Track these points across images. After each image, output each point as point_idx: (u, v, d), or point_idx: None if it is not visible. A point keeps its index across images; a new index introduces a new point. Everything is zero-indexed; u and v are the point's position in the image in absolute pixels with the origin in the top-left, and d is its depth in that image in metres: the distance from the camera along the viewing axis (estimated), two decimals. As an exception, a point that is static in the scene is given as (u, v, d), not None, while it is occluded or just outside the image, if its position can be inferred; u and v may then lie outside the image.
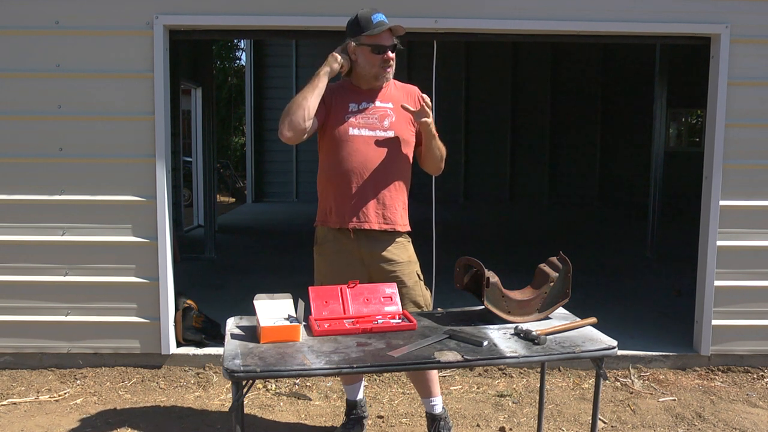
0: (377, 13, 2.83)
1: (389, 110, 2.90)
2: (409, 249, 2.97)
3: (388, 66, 2.84)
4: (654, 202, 7.26)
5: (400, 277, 2.87)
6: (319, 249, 2.99)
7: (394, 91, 2.96)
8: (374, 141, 2.85)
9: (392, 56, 2.84)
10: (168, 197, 3.98)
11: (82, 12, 3.85)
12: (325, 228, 2.95)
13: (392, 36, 2.84)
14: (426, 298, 2.96)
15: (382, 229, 2.86)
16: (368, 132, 2.86)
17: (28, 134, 3.92)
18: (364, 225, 2.85)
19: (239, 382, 2.10)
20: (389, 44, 2.82)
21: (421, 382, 3.10)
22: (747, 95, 3.99)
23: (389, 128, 2.88)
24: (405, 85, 3.04)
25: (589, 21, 3.93)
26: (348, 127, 2.85)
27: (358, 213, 2.85)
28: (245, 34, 8.13)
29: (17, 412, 3.56)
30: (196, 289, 5.40)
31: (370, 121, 2.86)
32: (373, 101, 2.90)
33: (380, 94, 2.92)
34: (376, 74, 2.85)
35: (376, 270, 2.87)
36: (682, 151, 13.50)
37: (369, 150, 2.84)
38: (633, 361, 4.17)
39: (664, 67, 7.20)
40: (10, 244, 3.95)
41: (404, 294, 2.86)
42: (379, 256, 2.87)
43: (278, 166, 13.60)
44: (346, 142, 2.84)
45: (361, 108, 2.88)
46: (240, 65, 19.47)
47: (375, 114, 2.87)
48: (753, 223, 4.07)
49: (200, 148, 9.19)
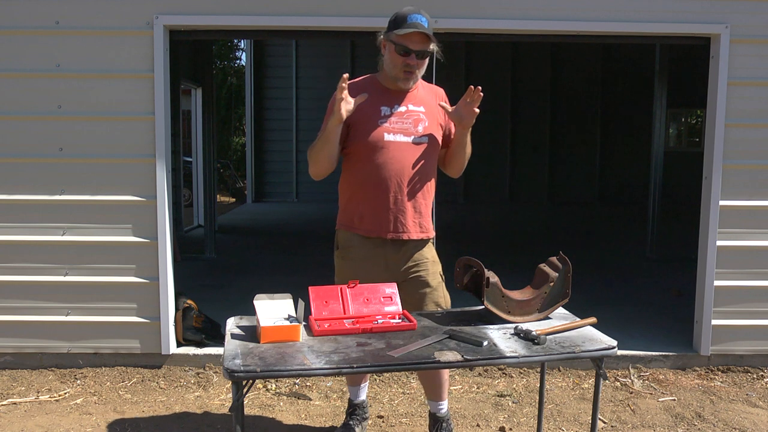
0: (416, 14, 2.64)
1: (422, 114, 2.79)
2: (432, 249, 2.92)
3: (409, 70, 2.68)
4: (654, 202, 7.26)
5: (424, 277, 2.83)
6: (342, 253, 2.88)
7: (423, 92, 2.85)
8: (409, 147, 2.75)
9: (416, 62, 2.68)
10: (168, 197, 3.98)
11: (82, 12, 3.85)
12: (348, 233, 2.85)
13: (425, 42, 2.65)
14: (447, 301, 2.90)
15: (419, 239, 2.82)
16: (403, 138, 2.74)
17: (28, 134, 3.92)
18: (402, 236, 2.77)
19: (239, 382, 2.10)
20: (416, 49, 2.64)
21: (432, 386, 3.07)
22: (747, 95, 3.99)
23: (423, 133, 2.77)
24: (431, 85, 2.95)
25: (589, 21, 3.93)
26: (383, 132, 2.73)
27: (397, 223, 2.76)
28: (245, 34, 8.13)
29: (17, 412, 3.56)
30: (196, 289, 5.41)
31: (404, 126, 2.75)
32: (405, 104, 2.78)
33: (411, 97, 2.80)
34: (396, 76, 2.72)
35: (400, 272, 2.81)
36: (682, 151, 13.50)
37: (405, 157, 2.74)
38: (633, 361, 4.17)
39: (664, 67, 7.19)
40: (10, 244, 3.95)
41: (427, 294, 2.83)
42: (406, 258, 2.82)
43: (278, 166, 13.60)
44: (381, 149, 2.72)
45: (394, 111, 2.76)
46: (240, 65, 19.48)
47: (409, 119, 2.76)
48: (753, 223, 4.07)
49: (200, 148, 9.19)
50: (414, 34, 2.62)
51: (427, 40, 2.66)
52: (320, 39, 3.98)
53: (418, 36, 2.63)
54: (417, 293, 2.84)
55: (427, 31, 2.63)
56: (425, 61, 2.73)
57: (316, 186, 15.19)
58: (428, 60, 2.75)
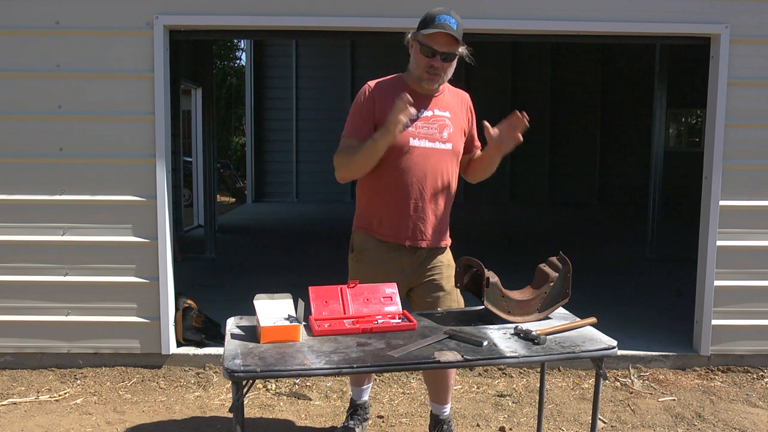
0: (445, 15, 2.57)
1: (447, 119, 2.73)
2: (448, 253, 2.89)
3: (433, 72, 2.62)
4: (654, 202, 7.26)
5: (439, 281, 2.81)
6: (357, 256, 2.84)
7: (450, 98, 2.79)
8: (433, 152, 2.69)
9: (441, 64, 2.61)
10: (168, 197, 3.98)
11: (82, 12, 3.85)
12: (365, 235, 2.81)
13: (452, 44, 2.59)
14: (461, 305, 2.86)
15: (437, 246, 2.80)
16: (428, 143, 2.68)
17: (28, 134, 3.92)
18: (421, 243, 2.74)
19: (239, 382, 2.09)
20: (441, 50, 2.58)
21: (437, 389, 3.06)
22: (747, 95, 3.99)
23: (448, 140, 2.72)
24: (458, 91, 2.88)
25: (589, 21, 3.93)
26: (408, 136, 2.65)
27: (416, 231, 2.72)
28: (245, 34, 8.13)
29: (17, 412, 3.56)
30: (196, 289, 5.41)
31: (430, 131, 2.69)
32: (432, 109, 2.71)
33: (438, 102, 2.74)
34: (420, 77, 2.66)
35: (415, 276, 2.78)
36: (682, 151, 13.50)
37: (428, 163, 2.69)
38: (633, 361, 4.17)
39: (664, 67, 7.19)
40: (10, 244, 3.95)
41: (440, 298, 2.81)
42: (422, 263, 2.80)
43: (278, 166, 13.60)
44: (406, 153, 2.66)
45: (420, 116, 2.68)
46: (240, 65, 19.48)
47: (435, 123, 2.70)
48: (753, 223, 4.07)
49: (200, 148, 9.19)
50: (440, 35, 2.56)
51: (455, 42, 2.59)
52: (320, 39, 3.98)
53: (444, 37, 2.57)
54: (431, 296, 2.82)
55: (454, 33, 2.56)
56: (452, 64, 2.67)
57: (316, 186, 15.17)
58: (455, 63, 2.69)
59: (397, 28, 3.62)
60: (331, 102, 13.18)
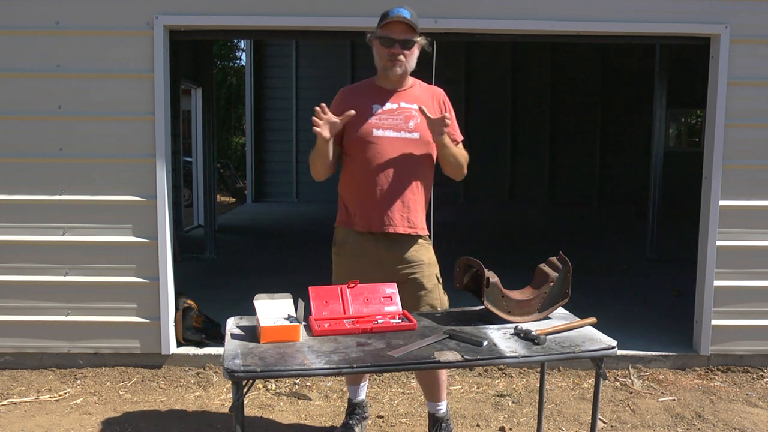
0: (399, 8, 2.73)
1: (414, 111, 2.81)
2: (429, 251, 2.93)
3: (395, 59, 2.74)
4: (654, 202, 7.25)
5: (420, 279, 2.85)
6: (339, 250, 2.93)
7: (419, 92, 2.89)
8: (398, 142, 2.79)
9: (401, 51, 2.73)
10: (168, 197, 3.98)
11: (82, 12, 3.85)
12: (345, 229, 2.90)
13: (409, 32, 2.72)
14: (444, 303, 2.91)
15: (406, 233, 2.83)
16: (393, 133, 2.79)
17: (28, 134, 3.92)
18: (389, 228, 2.80)
19: (239, 382, 2.10)
20: (399, 38, 2.72)
21: (430, 387, 3.08)
22: (747, 95, 3.99)
23: (414, 129, 2.81)
24: (431, 86, 2.98)
25: (589, 21, 3.93)
26: (371, 128, 2.79)
27: (384, 217, 2.79)
28: (245, 34, 8.12)
29: (17, 412, 3.56)
30: (196, 289, 5.40)
31: (395, 122, 2.80)
32: (398, 102, 2.83)
33: (405, 95, 2.85)
34: (384, 67, 2.78)
35: (395, 272, 2.82)
36: (682, 151, 13.49)
37: (394, 152, 2.78)
38: (633, 361, 4.17)
39: (664, 67, 7.19)
40: (10, 244, 3.95)
41: (422, 297, 2.85)
42: (400, 258, 2.84)
43: (278, 166, 13.59)
44: (370, 144, 2.78)
45: (386, 109, 2.81)
46: (240, 65, 19.48)
47: (400, 115, 2.81)
48: (753, 223, 4.07)
49: (200, 148, 9.19)
50: (396, 24, 2.71)
51: (410, 30, 2.73)
52: (320, 39, 3.97)
53: (400, 26, 2.72)
54: (414, 295, 2.85)
55: (408, 21, 2.70)
56: (413, 52, 2.79)
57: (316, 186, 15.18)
58: (416, 51, 2.80)
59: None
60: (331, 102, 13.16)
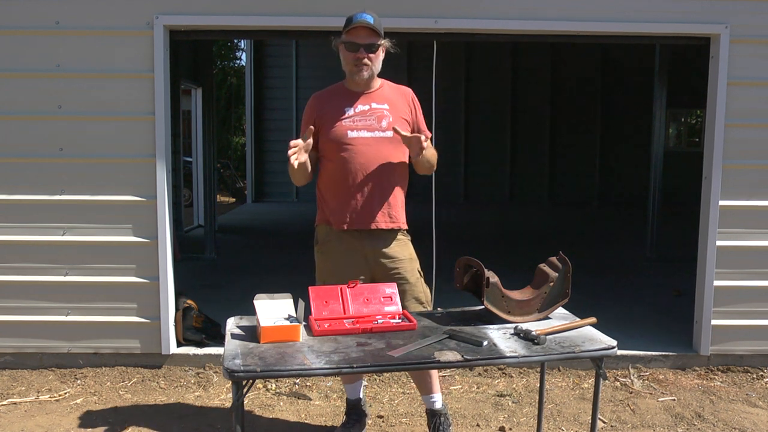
0: (362, 13, 2.79)
1: (386, 111, 2.90)
2: (410, 246, 3.01)
3: (361, 63, 2.79)
4: (654, 202, 7.25)
5: (402, 273, 2.91)
6: (321, 248, 3.01)
7: (389, 92, 2.97)
8: (374, 141, 2.87)
9: (366, 55, 2.79)
10: (168, 197, 3.98)
11: (82, 12, 3.85)
12: (326, 227, 2.97)
13: (372, 36, 2.78)
14: (427, 295, 3.01)
15: (388, 228, 2.90)
16: (367, 133, 2.87)
17: (28, 134, 3.92)
18: (370, 225, 2.87)
19: (239, 381, 2.10)
20: (363, 43, 2.78)
21: (422, 380, 3.12)
22: (747, 95, 3.99)
23: (387, 128, 2.88)
24: (399, 86, 3.05)
25: (589, 21, 3.93)
26: (346, 130, 2.86)
27: (364, 214, 2.86)
28: (245, 34, 8.12)
29: (17, 412, 3.56)
30: (196, 289, 5.40)
31: (368, 123, 2.88)
32: (368, 103, 2.90)
33: (375, 96, 2.93)
34: (350, 72, 2.85)
35: (378, 267, 2.90)
36: (682, 151, 13.49)
37: (369, 151, 2.86)
38: (633, 361, 4.17)
39: (664, 67, 7.19)
40: (10, 244, 3.95)
41: (407, 290, 2.90)
42: (382, 253, 2.90)
43: (278, 166, 13.56)
44: (346, 145, 2.85)
45: (358, 111, 2.89)
46: (240, 65, 19.48)
47: (372, 115, 2.89)
48: (753, 223, 4.07)
49: (200, 148, 9.19)
50: (359, 29, 2.77)
51: (374, 34, 2.79)
52: (320, 39, 3.96)
53: (363, 30, 2.77)
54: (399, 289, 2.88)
55: (371, 25, 2.75)
56: (378, 55, 2.85)
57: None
58: (381, 54, 2.87)
59: (397, 28, 3.64)
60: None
